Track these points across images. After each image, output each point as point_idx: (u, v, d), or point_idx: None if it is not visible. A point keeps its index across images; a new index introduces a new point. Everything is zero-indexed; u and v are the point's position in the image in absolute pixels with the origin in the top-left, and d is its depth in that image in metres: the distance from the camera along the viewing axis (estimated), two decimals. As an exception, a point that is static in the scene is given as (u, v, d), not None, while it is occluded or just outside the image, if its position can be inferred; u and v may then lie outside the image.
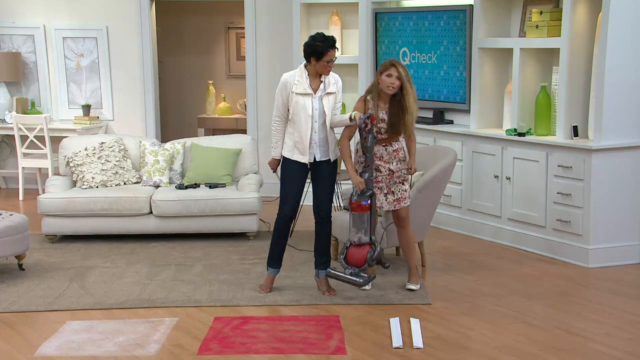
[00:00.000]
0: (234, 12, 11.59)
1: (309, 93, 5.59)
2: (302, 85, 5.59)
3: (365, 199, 5.55)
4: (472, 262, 6.65)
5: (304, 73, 5.63)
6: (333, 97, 5.65)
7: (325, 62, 5.54)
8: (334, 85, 5.67)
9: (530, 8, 7.14)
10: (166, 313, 5.47)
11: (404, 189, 5.78)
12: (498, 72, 7.41)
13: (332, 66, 5.59)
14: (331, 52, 5.53)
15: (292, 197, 5.71)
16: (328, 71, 5.60)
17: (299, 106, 5.58)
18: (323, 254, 5.82)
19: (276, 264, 5.84)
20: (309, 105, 5.58)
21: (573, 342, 4.93)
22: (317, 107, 5.61)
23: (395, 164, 5.74)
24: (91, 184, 7.41)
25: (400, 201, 5.78)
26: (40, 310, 5.53)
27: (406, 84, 5.60)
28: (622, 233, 6.55)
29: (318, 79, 5.64)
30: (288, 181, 5.71)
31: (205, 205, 7.20)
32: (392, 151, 5.74)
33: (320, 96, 5.62)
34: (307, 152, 5.62)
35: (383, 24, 8.51)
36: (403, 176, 5.77)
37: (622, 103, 6.44)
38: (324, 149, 5.68)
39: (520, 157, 6.93)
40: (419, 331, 5.04)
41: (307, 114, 5.58)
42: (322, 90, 5.62)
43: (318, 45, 5.52)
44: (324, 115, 5.62)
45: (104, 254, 6.88)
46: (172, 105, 12.14)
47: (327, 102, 5.63)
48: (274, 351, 4.80)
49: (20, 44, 9.62)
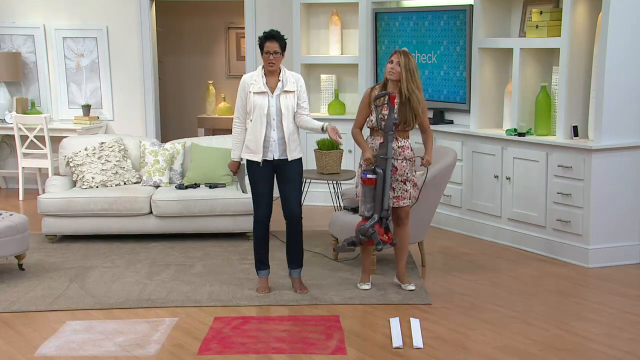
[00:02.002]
0: (234, 12, 11.60)
1: (265, 91, 5.61)
2: (258, 84, 5.62)
3: (370, 172, 5.59)
4: (472, 262, 6.65)
5: (260, 72, 5.68)
6: (292, 96, 5.65)
7: (266, 54, 5.56)
8: (293, 84, 5.67)
9: (530, 8, 7.14)
10: (166, 313, 5.47)
11: (405, 189, 5.76)
12: (498, 72, 7.41)
13: (273, 60, 5.56)
14: (269, 43, 5.55)
15: (263, 198, 5.72)
16: (270, 65, 5.57)
17: (255, 105, 5.61)
18: (295, 253, 5.85)
19: (265, 266, 5.87)
20: (265, 103, 5.59)
21: (573, 342, 4.93)
22: (274, 105, 5.61)
23: (400, 161, 5.72)
24: (91, 184, 7.41)
25: (400, 200, 5.77)
26: (40, 310, 5.53)
27: (405, 72, 5.61)
28: (622, 233, 6.55)
29: (276, 77, 5.65)
30: (254, 183, 5.72)
31: (205, 205, 7.20)
32: (397, 147, 5.71)
33: (277, 94, 5.63)
34: (260, 151, 5.62)
35: (383, 24, 8.51)
36: (406, 175, 5.75)
37: (622, 103, 6.44)
38: (282, 148, 5.66)
39: (520, 157, 6.93)
40: (419, 331, 5.03)
41: (262, 112, 5.59)
42: (279, 89, 5.63)
43: (260, 39, 5.62)
44: (281, 114, 5.62)
45: (104, 254, 6.88)
46: (172, 105, 12.14)
47: (285, 100, 5.62)
48: (274, 351, 4.80)
49: (20, 44, 9.62)
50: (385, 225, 5.68)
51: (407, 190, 5.77)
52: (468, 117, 7.62)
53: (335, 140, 5.62)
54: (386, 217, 5.66)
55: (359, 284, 5.91)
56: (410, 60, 5.64)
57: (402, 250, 5.88)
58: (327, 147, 7.27)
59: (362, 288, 5.87)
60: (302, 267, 5.90)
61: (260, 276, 5.88)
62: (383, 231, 5.67)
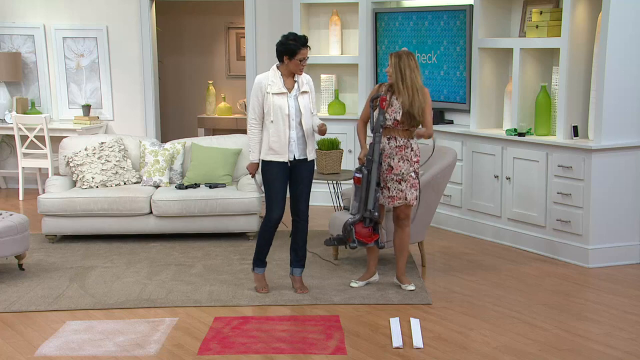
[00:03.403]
0: (234, 12, 11.60)
1: (284, 92, 5.64)
2: (277, 85, 5.65)
3: (357, 171, 5.70)
4: (472, 262, 6.65)
5: (277, 73, 5.69)
6: (307, 96, 5.72)
7: (298, 60, 5.60)
8: (307, 85, 5.74)
9: (530, 8, 7.14)
10: (166, 313, 5.47)
11: (399, 189, 5.74)
12: (498, 72, 7.41)
13: (304, 65, 5.66)
14: (303, 50, 5.61)
15: (279, 199, 5.72)
16: (301, 70, 5.66)
17: (275, 106, 5.63)
18: (299, 252, 5.86)
19: (264, 263, 5.90)
20: (284, 104, 5.63)
21: (573, 342, 4.93)
22: (294, 106, 5.66)
23: (396, 160, 5.72)
24: (91, 184, 7.41)
25: (395, 200, 5.75)
26: (40, 310, 5.53)
27: (395, 72, 5.66)
28: (622, 233, 6.55)
29: (291, 78, 5.71)
30: (272, 184, 5.71)
31: (205, 205, 7.20)
32: (394, 146, 5.71)
33: (295, 95, 5.68)
34: (286, 151, 5.66)
35: (383, 24, 8.51)
36: (401, 175, 5.74)
37: (622, 103, 6.44)
38: (302, 148, 5.72)
39: (520, 157, 6.93)
40: (419, 331, 5.04)
41: (284, 113, 5.62)
42: (296, 90, 5.69)
43: (291, 44, 5.60)
44: (300, 114, 5.67)
45: (104, 254, 6.88)
46: (172, 105, 12.14)
47: (303, 100, 5.69)
48: (274, 351, 4.80)
49: (20, 44, 9.62)
50: (371, 226, 5.68)
51: (402, 190, 5.74)
52: (468, 117, 7.63)
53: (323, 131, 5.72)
54: (370, 218, 5.66)
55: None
56: (402, 59, 5.66)
57: (401, 251, 5.87)
58: (327, 147, 7.27)
59: (351, 284, 5.88)
60: (304, 267, 5.90)
61: (257, 272, 5.89)
62: (368, 232, 5.67)
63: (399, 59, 5.66)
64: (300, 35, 5.66)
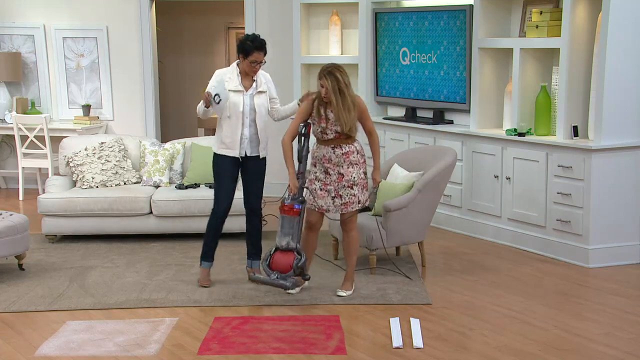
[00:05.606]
0: (234, 12, 11.60)
1: (241, 90, 5.73)
2: (234, 82, 5.74)
3: (298, 203, 5.61)
4: (472, 262, 6.65)
5: (235, 70, 5.78)
6: (265, 96, 5.83)
7: (250, 62, 5.67)
8: (265, 84, 5.82)
9: (530, 8, 7.14)
10: (166, 313, 5.47)
11: (352, 194, 5.64)
12: (498, 72, 7.41)
13: (257, 68, 5.72)
14: (256, 53, 5.66)
15: (227, 193, 5.87)
16: (253, 72, 5.74)
17: (230, 102, 5.71)
18: (255, 245, 6.06)
19: (211, 258, 6.02)
20: (240, 101, 5.73)
21: (573, 342, 4.93)
22: (248, 104, 5.76)
23: (345, 167, 5.62)
24: (91, 184, 7.41)
25: (348, 205, 5.66)
26: (40, 310, 5.53)
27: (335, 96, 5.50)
28: (622, 233, 6.55)
29: (250, 77, 5.78)
30: (221, 177, 5.86)
31: (205, 205, 7.18)
32: (341, 154, 5.61)
33: (252, 94, 5.77)
34: (237, 147, 5.78)
35: (383, 24, 8.51)
36: (353, 180, 5.63)
37: (622, 103, 6.44)
38: (254, 145, 5.83)
39: (520, 157, 6.93)
40: (419, 331, 5.04)
41: (237, 110, 5.74)
42: (254, 89, 5.78)
43: (247, 44, 5.67)
44: (255, 113, 5.76)
45: (104, 254, 6.88)
46: (172, 105, 12.14)
47: (259, 100, 5.79)
48: (274, 351, 4.80)
49: (20, 44, 9.62)
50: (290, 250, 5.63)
51: (355, 194, 5.65)
52: (468, 117, 7.62)
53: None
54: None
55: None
56: (338, 81, 5.51)
57: (350, 255, 5.79)
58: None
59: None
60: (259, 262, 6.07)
61: (204, 267, 6.02)
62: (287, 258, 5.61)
63: (336, 82, 5.49)
64: (260, 38, 5.71)
